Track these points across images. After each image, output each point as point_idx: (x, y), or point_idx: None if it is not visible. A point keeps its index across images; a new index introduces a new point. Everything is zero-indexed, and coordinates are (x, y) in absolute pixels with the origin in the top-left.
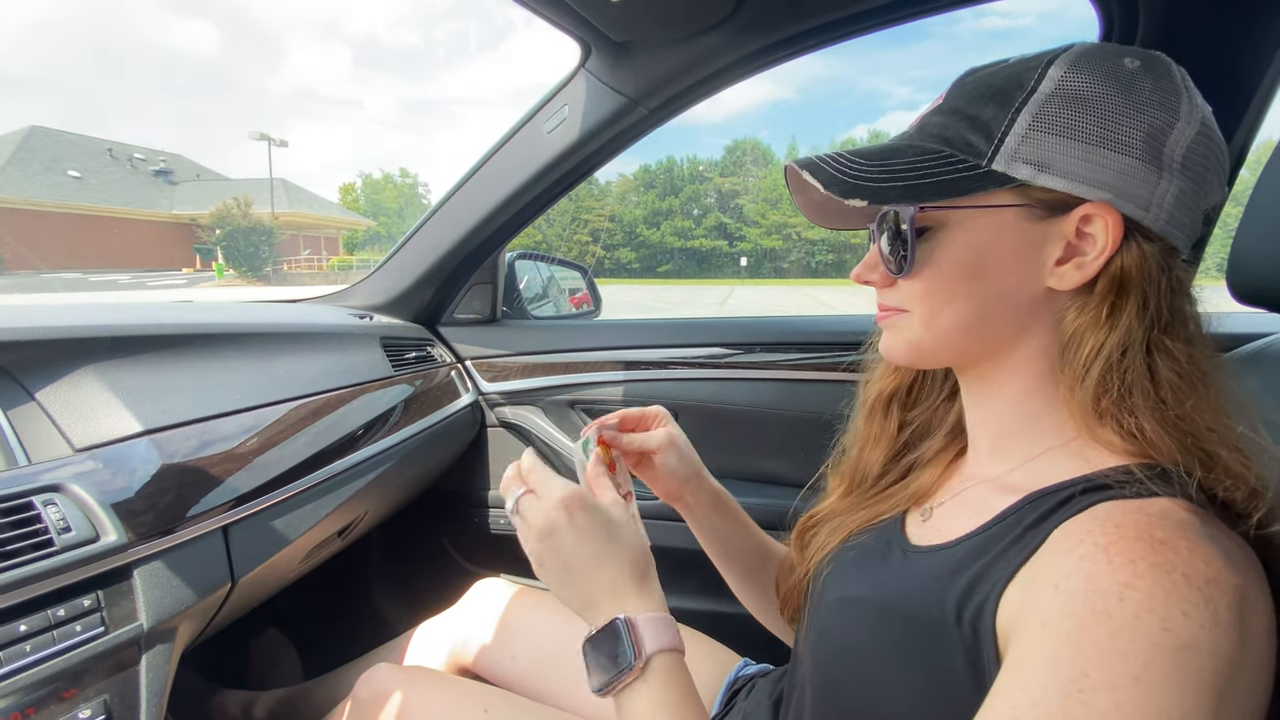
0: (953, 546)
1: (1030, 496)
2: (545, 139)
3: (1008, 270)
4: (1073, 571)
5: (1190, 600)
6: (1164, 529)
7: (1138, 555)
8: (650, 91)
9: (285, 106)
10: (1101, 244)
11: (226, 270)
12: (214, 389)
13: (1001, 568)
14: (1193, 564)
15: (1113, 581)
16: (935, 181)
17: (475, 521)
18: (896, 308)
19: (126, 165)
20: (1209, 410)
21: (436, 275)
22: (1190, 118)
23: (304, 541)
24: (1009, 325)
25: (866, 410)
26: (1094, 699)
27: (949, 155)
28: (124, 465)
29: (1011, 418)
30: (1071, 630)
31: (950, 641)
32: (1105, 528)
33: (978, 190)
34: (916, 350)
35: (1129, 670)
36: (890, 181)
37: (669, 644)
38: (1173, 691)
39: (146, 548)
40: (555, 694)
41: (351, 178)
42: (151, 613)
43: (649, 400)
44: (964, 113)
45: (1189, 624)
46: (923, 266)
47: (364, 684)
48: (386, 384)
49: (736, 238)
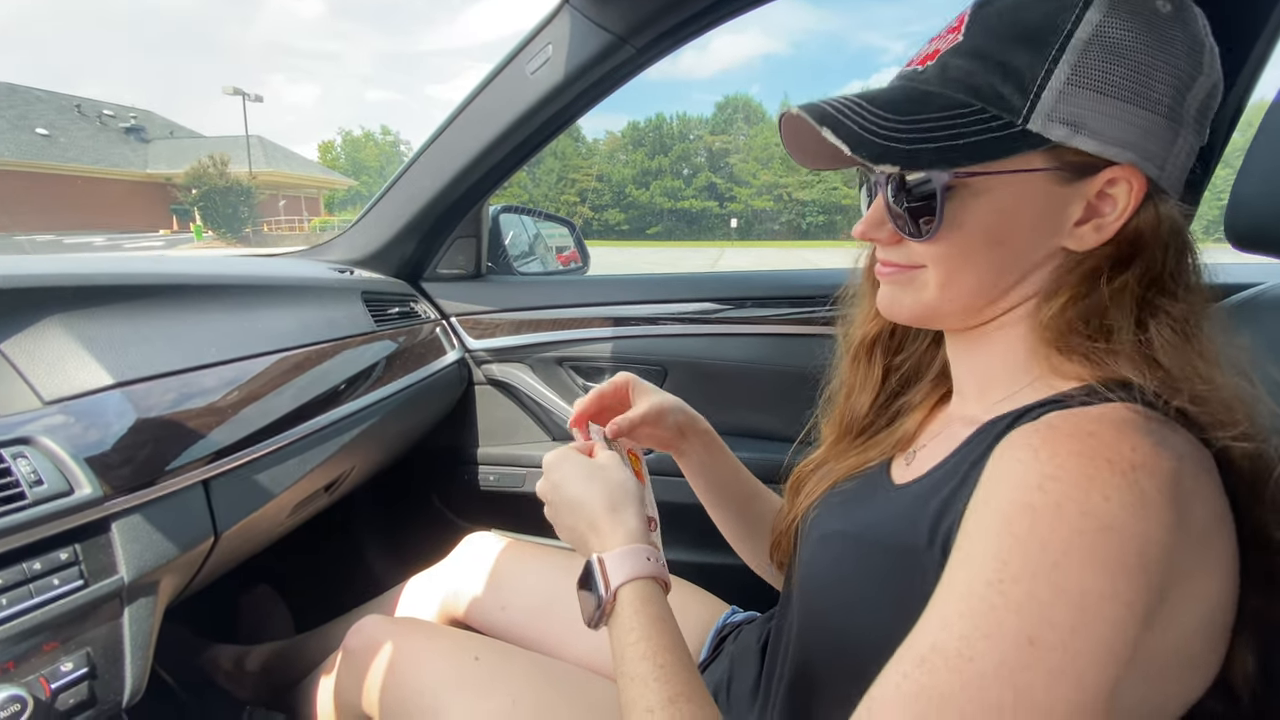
0: (924, 478)
1: (993, 421)
2: (529, 80)
3: (1030, 234)
4: (1004, 472)
5: (1113, 484)
6: (1096, 424)
7: (1062, 448)
8: (638, 28)
9: (260, 60)
10: (1122, 206)
11: (205, 231)
12: (189, 341)
13: (966, 488)
14: (1118, 450)
15: (1037, 474)
16: (969, 144)
17: (465, 478)
18: (908, 264)
19: (96, 122)
20: (1201, 362)
21: (418, 228)
22: (1211, 70)
23: (289, 496)
24: (1022, 284)
25: (850, 357)
26: (1012, 589)
27: (980, 111)
28: (97, 418)
29: (999, 364)
30: (997, 526)
31: (924, 564)
32: (1040, 429)
33: (1012, 153)
34: (924, 310)
35: (1047, 558)
36: (922, 143)
37: (634, 573)
38: (1093, 573)
39: (123, 501)
40: (546, 643)
41: (331, 135)
42: (132, 566)
43: (639, 357)
44: (993, 57)
45: (1110, 506)
46: (944, 229)
47: (354, 635)
48: (369, 339)
49: (727, 198)
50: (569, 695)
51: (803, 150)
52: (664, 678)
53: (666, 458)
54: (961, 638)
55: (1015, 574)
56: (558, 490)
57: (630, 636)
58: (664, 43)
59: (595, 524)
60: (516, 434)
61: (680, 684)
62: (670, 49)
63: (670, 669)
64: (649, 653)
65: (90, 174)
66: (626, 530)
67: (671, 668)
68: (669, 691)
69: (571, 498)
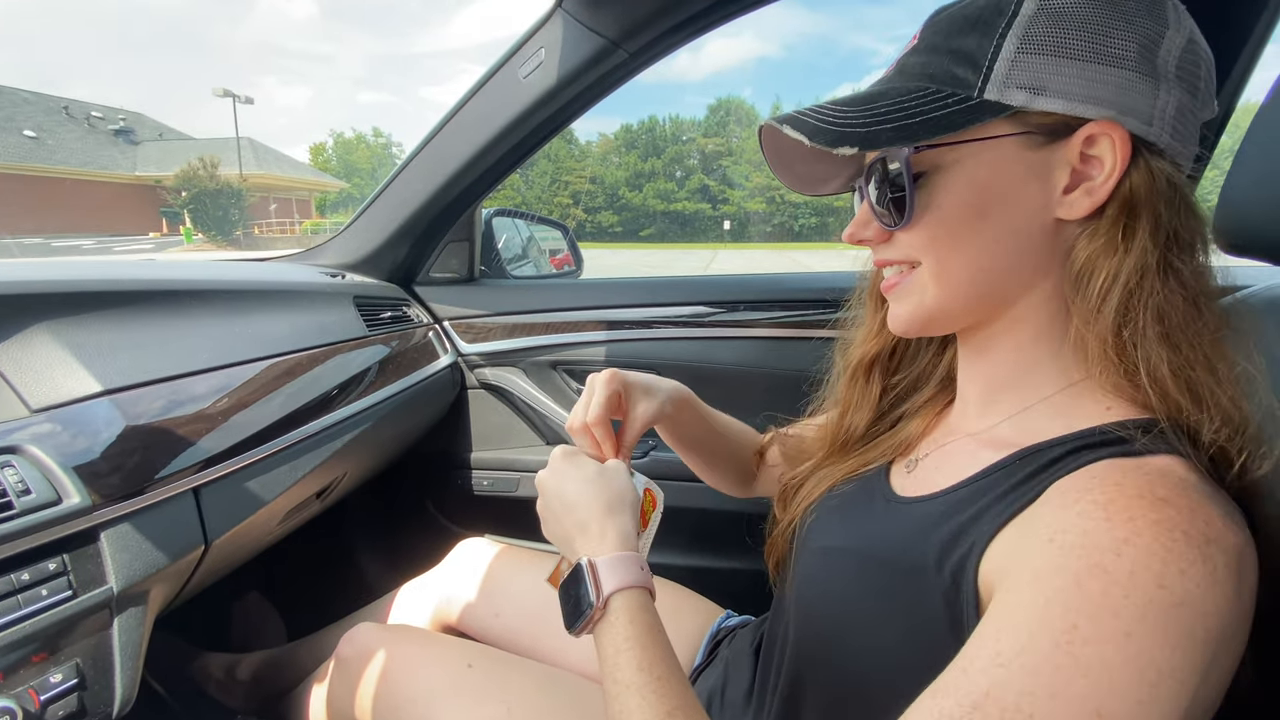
0: (938, 498)
1: (1022, 452)
2: (521, 84)
3: (1015, 204)
4: (1070, 527)
5: (1189, 558)
6: (1165, 487)
7: (1137, 513)
8: (631, 33)
9: (251, 62)
10: (1110, 165)
11: (195, 234)
12: (179, 348)
13: (989, 521)
14: (1193, 522)
15: (1110, 538)
16: (926, 119)
17: (458, 483)
18: (902, 260)
19: (84, 124)
20: (1210, 338)
21: (410, 232)
22: (1179, 25)
23: (280, 503)
24: (1023, 266)
25: (848, 376)
26: (1082, 651)
27: (935, 91)
28: (85, 426)
29: (1008, 370)
30: (1065, 584)
31: (929, 587)
32: (1105, 485)
33: (972, 123)
34: (926, 312)
35: (1120, 626)
36: (878, 125)
37: (627, 582)
38: (1164, 648)
39: (112, 510)
40: (541, 649)
41: (322, 137)
42: (121, 575)
43: (632, 360)
44: (944, 48)
45: (1185, 582)
46: (923, 212)
47: (347, 642)
48: (361, 344)
49: (720, 201)
50: (564, 702)
51: (790, 171)
52: (661, 690)
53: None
54: (1022, 693)
55: (1085, 637)
56: (557, 481)
57: (624, 645)
58: (657, 47)
59: (585, 525)
60: (510, 438)
61: (677, 697)
62: (663, 53)
63: (667, 681)
64: (645, 663)
65: (78, 176)
66: (619, 535)
67: (668, 680)
68: (667, 705)
69: (568, 494)
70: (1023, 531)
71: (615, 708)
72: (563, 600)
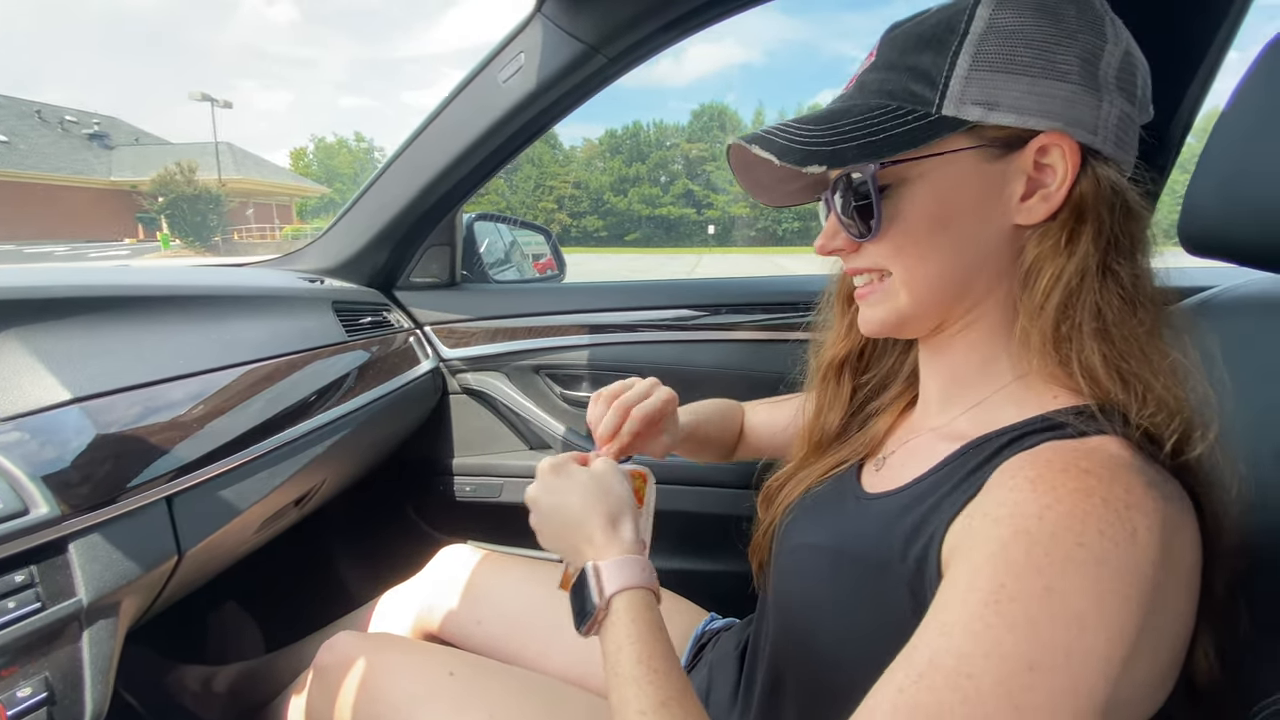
0: (901, 492)
1: (975, 442)
2: (501, 89)
3: (975, 214)
4: (1003, 501)
5: (1107, 520)
6: (1090, 461)
7: (1059, 483)
8: (610, 38)
9: (230, 66)
10: (1061, 173)
11: (172, 240)
12: (152, 354)
13: (946, 510)
14: (1113, 489)
15: (1035, 505)
16: (889, 136)
17: (440, 489)
18: (873, 268)
19: (58, 128)
20: (1145, 334)
21: (390, 236)
22: (1117, 39)
23: (256, 512)
24: (985, 270)
25: (820, 377)
26: (1010, 609)
27: (896, 109)
28: (54, 435)
29: (965, 366)
30: (994, 550)
31: (896, 578)
32: (1036, 463)
33: (932, 138)
34: (898, 317)
35: (1043, 581)
36: (843, 143)
37: (630, 582)
38: (1086, 601)
39: (82, 520)
40: (524, 656)
41: (303, 142)
42: (91, 587)
43: (616, 364)
44: (901, 65)
45: (1104, 541)
46: (889, 225)
47: (326, 651)
48: (340, 349)
49: (704, 205)
50: (547, 709)
51: (758, 184)
52: (657, 681)
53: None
54: (960, 655)
55: (1011, 594)
56: (554, 498)
57: (625, 641)
58: (636, 52)
59: (590, 537)
60: (493, 444)
61: (672, 689)
62: (643, 58)
63: (663, 674)
64: (643, 657)
65: (52, 181)
66: (622, 542)
67: (664, 673)
68: (661, 695)
69: (569, 510)
70: (971, 514)
71: (614, 698)
72: (573, 603)
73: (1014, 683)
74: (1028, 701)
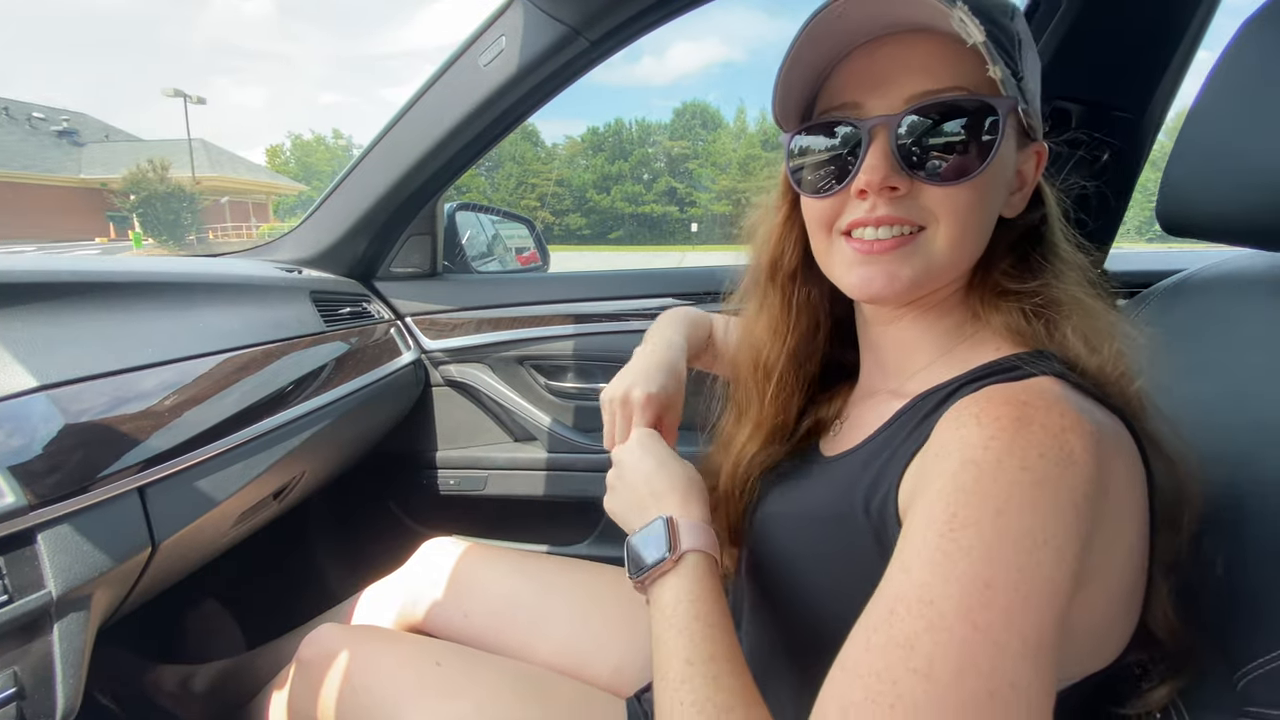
0: (858, 450)
1: (923, 394)
2: (481, 72)
3: (1005, 192)
4: (950, 438)
5: (1045, 444)
6: (1028, 394)
7: (1002, 413)
8: (592, 20)
9: (203, 61)
10: (1031, 178)
11: (145, 239)
12: (123, 342)
13: (901, 457)
14: (1049, 416)
15: (979, 436)
16: (1020, 81)
17: (423, 483)
18: (913, 220)
19: (25, 125)
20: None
21: (369, 225)
22: None
23: (233, 504)
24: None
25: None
26: (963, 534)
27: (1008, 62)
28: (20, 424)
29: (921, 336)
30: (945, 484)
31: (859, 530)
32: (979, 401)
33: (1017, 106)
34: (929, 276)
35: (992, 505)
36: (1007, 62)
37: (704, 545)
38: (1033, 518)
39: (50, 510)
40: (511, 648)
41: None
42: (60, 579)
43: (601, 354)
44: (996, 27)
45: (1044, 463)
46: (988, 170)
47: (309, 645)
48: (318, 340)
49: (687, 203)
50: (536, 698)
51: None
52: (712, 636)
53: None
54: (921, 585)
55: (963, 521)
56: (640, 456)
57: (684, 596)
58: (618, 35)
59: (663, 495)
60: (477, 436)
61: (721, 646)
62: (625, 42)
63: (720, 629)
64: (700, 614)
65: (20, 180)
66: (700, 507)
67: (722, 629)
68: (711, 650)
69: (652, 470)
70: (923, 457)
71: (663, 650)
72: (632, 550)
73: (973, 601)
74: (986, 619)
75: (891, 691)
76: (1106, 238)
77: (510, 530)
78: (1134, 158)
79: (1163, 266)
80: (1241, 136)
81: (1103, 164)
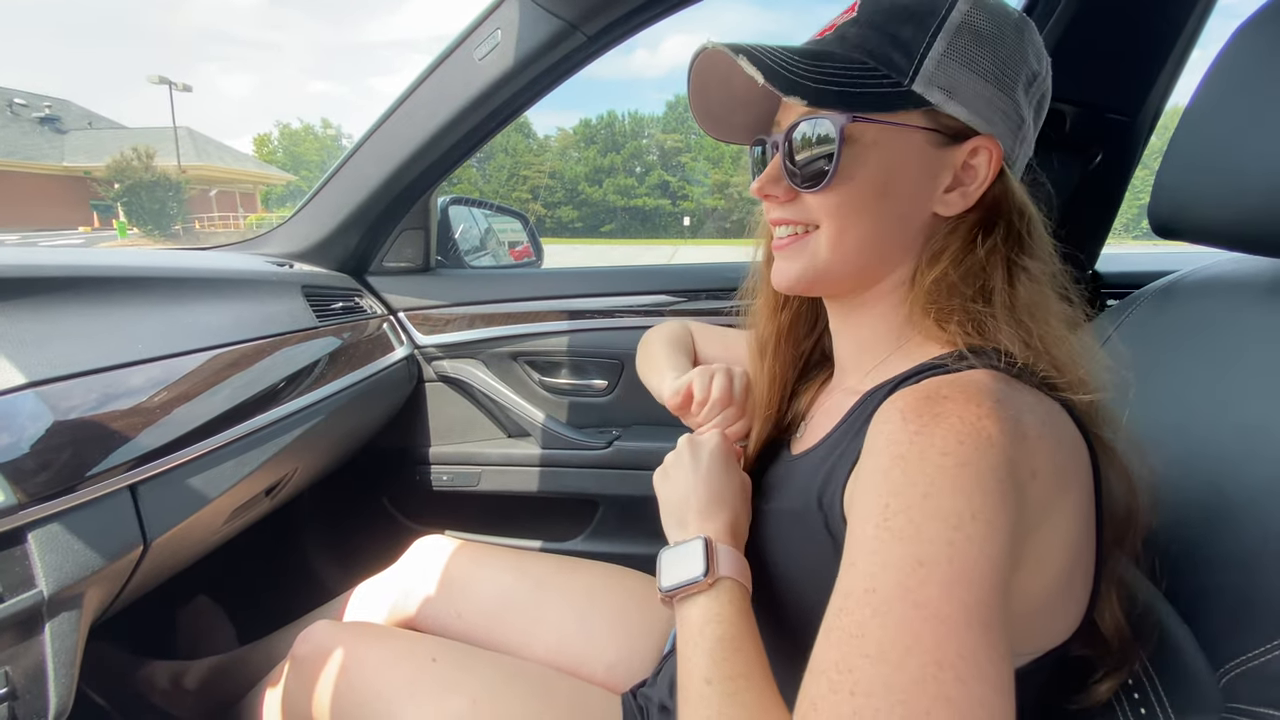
0: (817, 448)
1: (869, 392)
2: (476, 66)
3: (909, 193)
4: (879, 434)
5: (963, 432)
6: (951, 387)
7: (923, 409)
8: (589, 15)
9: (189, 48)
10: (983, 176)
11: (130, 229)
12: (113, 338)
13: (848, 456)
14: (967, 407)
15: (904, 432)
16: (865, 93)
17: (416, 479)
18: (801, 221)
19: (7, 112)
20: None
21: (362, 219)
22: (1048, 72)
23: (225, 501)
24: (898, 247)
25: (758, 354)
26: (895, 521)
27: (874, 69)
28: (9, 421)
29: (869, 331)
30: (877, 479)
31: (814, 526)
32: (906, 396)
33: (900, 108)
34: (814, 274)
35: (919, 490)
36: (827, 85)
37: (740, 575)
38: (959, 497)
39: (40, 509)
40: (505, 646)
41: (267, 128)
42: (52, 578)
43: (596, 350)
44: (884, 29)
45: (963, 448)
46: (839, 180)
47: (303, 642)
48: (310, 335)
49: (680, 197)
50: (531, 694)
51: (707, 111)
52: (733, 659)
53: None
54: (864, 575)
55: (894, 509)
56: (696, 460)
57: (713, 618)
58: (615, 30)
59: (705, 512)
60: (470, 432)
61: (743, 668)
62: (622, 37)
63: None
64: (727, 636)
65: (1, 167)
66: (736, 529)
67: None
68: (733, 669)
69: (705, 478)
70: (862, 457)
71: (686, 668)
72: (667, 562)
73: (910, 581)
74: (924, 595)
75: (850, 679)
76: (1097, 239)
77: (503, 526)
78: (1126, 160)
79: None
80: (1236, 141)
81: (1095, 166)
